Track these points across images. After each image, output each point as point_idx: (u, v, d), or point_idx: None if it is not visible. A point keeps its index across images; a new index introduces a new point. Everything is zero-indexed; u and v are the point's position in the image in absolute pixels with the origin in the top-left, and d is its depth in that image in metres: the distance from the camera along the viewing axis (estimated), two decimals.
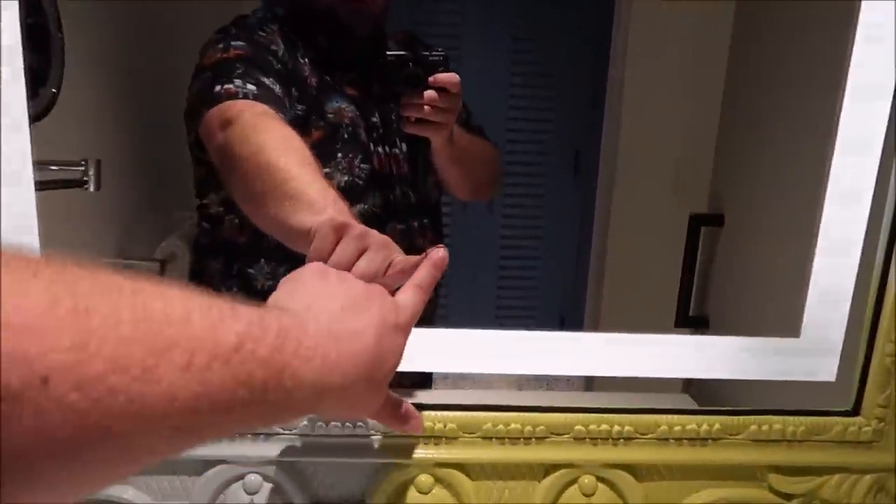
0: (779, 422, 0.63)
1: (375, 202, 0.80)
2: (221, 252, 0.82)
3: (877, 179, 0.61)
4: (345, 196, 0.57)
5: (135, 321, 0.26)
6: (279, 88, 0.72)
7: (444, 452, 0.60)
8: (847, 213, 0.62)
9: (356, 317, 0.41)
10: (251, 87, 0.69)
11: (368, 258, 0.49)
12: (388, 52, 0.77)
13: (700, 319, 0.99)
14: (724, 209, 0.97)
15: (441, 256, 0.49)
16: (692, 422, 0.62)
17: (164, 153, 0.93)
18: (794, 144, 0.79)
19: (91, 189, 0.76)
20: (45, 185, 0.67)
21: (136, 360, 0.26)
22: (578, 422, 0.61)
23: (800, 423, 0.63)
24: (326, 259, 0.48)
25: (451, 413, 0.60)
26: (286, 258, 0.71)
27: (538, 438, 0.61)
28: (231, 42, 0.73)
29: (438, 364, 0.65)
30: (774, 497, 0.65)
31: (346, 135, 0.79)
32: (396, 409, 0.51)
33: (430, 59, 0.76)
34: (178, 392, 0.27)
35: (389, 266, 0.50)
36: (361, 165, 0.79)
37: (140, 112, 0.94)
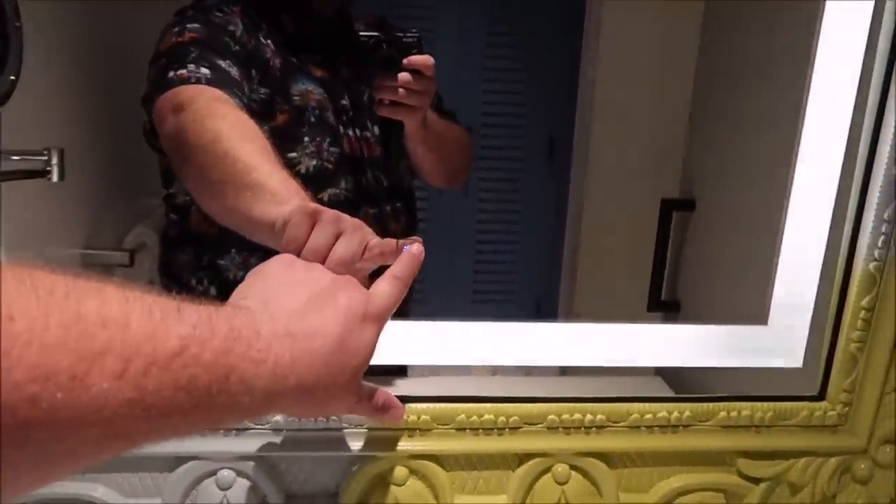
0: (747, 408, 0.64)
1: (347, 186, 0.79)
2: (190, 243, 0.81)
3: (842, 170, 0.62)
4: (314, 181, 0.56)
5: (64, 325, 0.26)
6: (236, 71, 0.70)
7: (419, 444, 0.61)
8: (813, 203, 0.63)
9: (320, 312, 0.40)
10: (205, 72, 0.67)
11: (345, 242, 0.48)
12: (361, 33, 0.75)
13: (672, 303, 1.00)
14: (696, 194, 0.98)
15: (419, 249, 0.49)
16: (663, 409, 0.63)
17: (131, 140, 0.90)
18: (763, 132, 0.80)
19: (54, 179, 0.74)
20: (7, 176, 0.66)
21: (63, 367, 0.25)
22: (551, 412, 0.62)
23: (768, 409, 0.64)
24: (302, 247, 0.47)
25: (425, 405, 0.61)
26: (258, 248, 0.70)
27: (512, 429, 0.62)
28: (186, 25, 0.71)
29: (413, 357, 0.65)
30: (743, 481, 0.66)
31: (313, 118, 0.77)
32: (373, 402, 0.50)
33: (404, 41, 0.75)
34: (109, 399, 0.27)
35: (365, 249, 0.49)
36: (330, 149, 0.78)
37: (105, 98, 0.91)
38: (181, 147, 0.62)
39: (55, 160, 0.73)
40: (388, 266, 0.49)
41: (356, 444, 0.60)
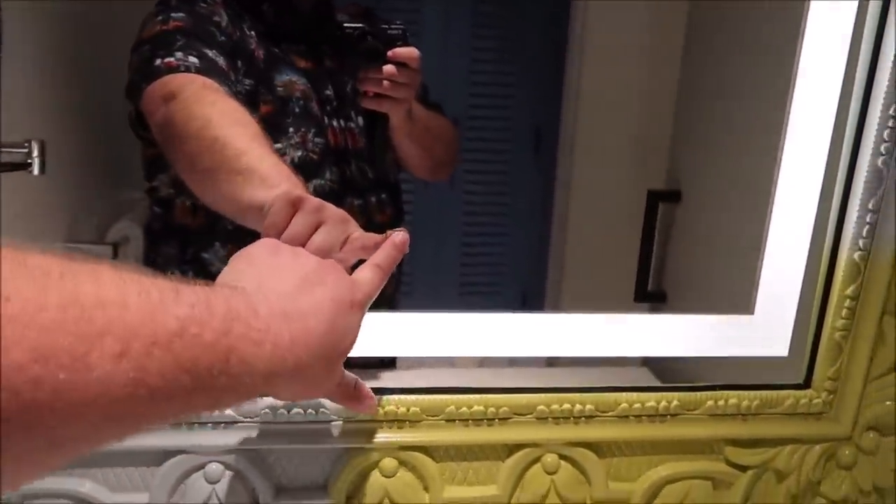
0: (734, 396, 0.64)
1: (332, 177, 0.79)
2: (174, 237, 0.80)
3: (827, 162, 0.62)
4: (299, 171, 0.56)
5: (62, 306, 0.25)
6: (223, 60, 0.70)
7: (408, 436, 0.61)
8: (798, 194, 0.63)
9: (309, 294, 0.40)
10: (193, 60, 0.66)
11: (324, 232, 0.48)
12: (346, 25, 0.75)
13: (658, 294, 1.00)
14: (681, 186, 0.99)
15: (402, 239, 0.49)
16: (651, 399, 0.63)
17: (113, 133, 0.89)
18: (749, 124, 0.80)
19: (35, 172, 0.73)
20: None
21: (63, 348, 0.25)
22: (541, 402, 0.62)
23: (754, 398, 0.65)
24: (281, 233, 0.47)
25: (415, 396, 0.60)
26: (242, 241, 0.69)
27: (501, 419, 0.62)
28: (171, 14, 0.70)
29: (402, 349, 0.65)
30: (730, 469, 0.67)
31: (297, 108, 0.76)
32: (350, 389, 0.50)
33: (389, 33, 0.74)
34: (112, 380, 0.26)
35: (346, 241, 0.49)
36: (315, 140, 0.77)
37: (87, 90, 0.90)
38: (172, 134, 0.61)
39: (36, 152, 0.72)
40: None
41: (345, 437, 0.59)
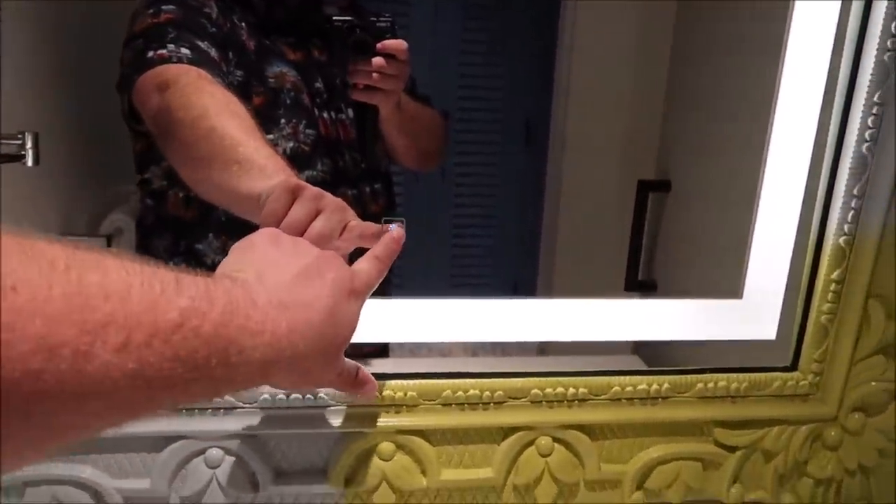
0: (723, 379, 0.66)
1: (324, 168, 0.79)
2: (167, 229, 0.80)
3: (813, 150, 0.64)
4: (291, 163, 0.56)
5: (67, 297, 0.25)
6: (215, 52, 0.70)
7: (405, 420, 0.62)
8: (786, 182, 0.65)
9: (309, 285, 0.41)
10: (185, 52, 0.67)
11: (323, 220, 0.49)
12: (335, 18, 0.76)
13: (648, 283, 1.02)
14: (671, 176, 1.00)
15: (399, 233, 0.50)
16: (643, 382, 0.65)
17: (106, 125, 0.89)
18: (737, 114, 0.81)
19: (29, 163, 0.73)
20: None
21: (67, 339, 0.25)
22: (535, 385, 0.63)
23: (743, 380, 0.66)
24: (280, 220, 0.48)
25: (411, 381, 0.61)
26: (236, 232, 0.70)
27: (496, 403, 0.63)
28: (162, 6, 0.70)
29: (395, 335, 0.66)
30: (719, 449, 0.68)
31: (289, 100, 0.77)
32: (352, 376, 0.51)
33: (378, 25, 0.75)
34: (112, 371, 0.27)
35: (345, 229, 0.50)
36: (306, 131, 0.78)
37: (80, 82, 0.90)
38: (167, 124, 0.61)
39: (29, 144, 0.72)
40: (367, 249, 0.50)
41: (344, 421, 0.60)
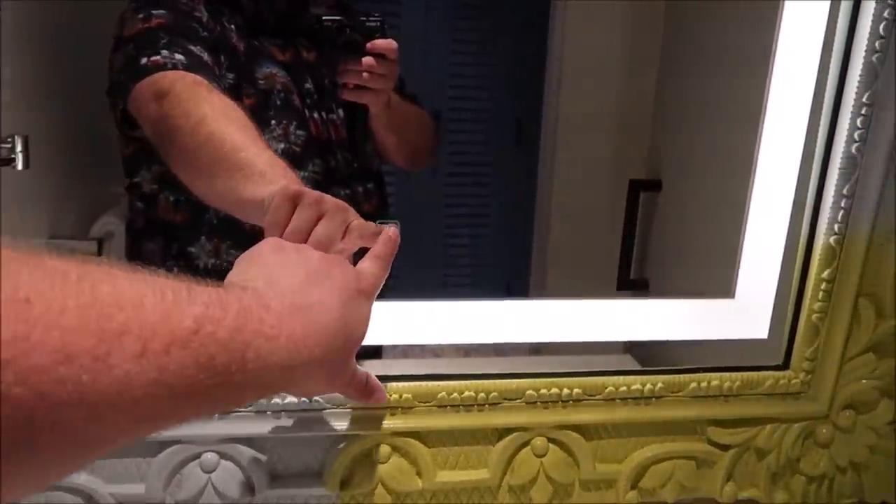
0: (716, 378, 0.66)
1: (315, 169, 0.79)
2: (158, 233, 0.79)
3: (803, 150, 0.64)
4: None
5: (82, 308, 0.26)
6: (207, 56, 0.70)
7: (401, 422, 0.62)
8: (776, 182, 0.65)
9: (318, 288, 0.41)
10: (180, 57, 0.66)
11: (326, 223, 0.48)
12: (325, 17, 0.76)
13: (640, 282, 1.02)
14: (662, 175, 1.01)
15: (395, 232, 0.50)
16: (636, 382, 0.65)
17: (96, 127, 0.89)
18: (728, 114, 0.82)
19: (19, 167, 0.72)
20: None
21: (85, 349, 0.25)
22: (529, 386, 0.63)
23: (735, 379, 0.67)
24: (284, 227, 0.48)
25: (407, 384, 0.62)
26: (228, 234, 0.69)
27: (491, 404, 0.63)
28: (151, 10, 0.70)
29: (388, 337, 0.66)
30: (713, 448, 0.69)
31: (279, 101, 0.77)
32: (362, 383, 0.51)
33: (367, 25, 0.75)
34: (133, 380, 0.27)
35: (347, 230, 0.50)
36: (297, 132, 0.78)
37: (69, 84, 0.89)
38: (167, 132, 0.61)
39: (20, 147, 0.72)
40: (367, 248, 0.50)
41: (339, 424, 0.60)
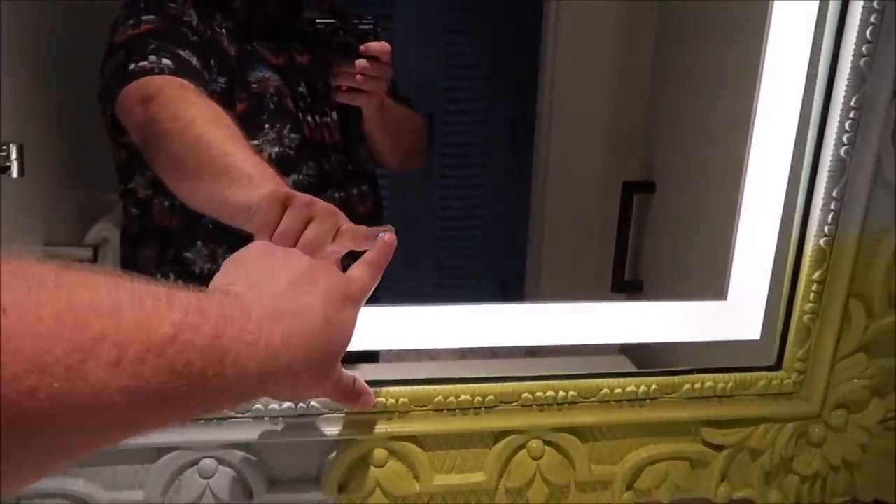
0: (710, 379, 0.67)
1: (309, 172, 0.80)
2: (153, 239, 0.79)
3: (793, 153, 0.65)
4: (276, 167, 0.56)
5: (57, 315, 0.26)
6: (196, 61, 0.70)
7: (398, 426, 0.62)
8: (767, 184, 0.66)
9: (302, 293, 0.41)
10: (167, 62, 0.67)
11: (315, 227, 0.49)
12: (318, 20, 0.76)
13: (635, 284, 1.03)
14: (655, 177, 1.01)
15: (391, 238, 0.50)
16: (631, 384, 0.66)
17: (90, 133, 0.89)
18: (719, 117, 0.82)
19: (14, 175, 0.72)
20: None
21: (59, 358, 0.25)
22: (525, 389, 0.64)
23: (729, 380, 0.67)
24: (273, 230, 0.48)
25: (403, 388, 0.62)
26: (224, 238, 0.69)
27: (487, 408, 0.63)
28: (141, 16, 0.70)
29: (382, 342, 0.66)
30: (707, 449, 0.69)
31: (272, 105, 0.77)
32: (349, 387, 0.51)
33: (361, 28, 0.75)
34: (107, 388, 0.27)
35: (337, 233, 0.50)
36: (291, 135, 0.78)
37: (62, 91, 0.89)
38: (153, 137, 0.61)
39: (14, 155, 0.72)
40: (361, 252, 0.50)
41: (336, 429, 0.61)
